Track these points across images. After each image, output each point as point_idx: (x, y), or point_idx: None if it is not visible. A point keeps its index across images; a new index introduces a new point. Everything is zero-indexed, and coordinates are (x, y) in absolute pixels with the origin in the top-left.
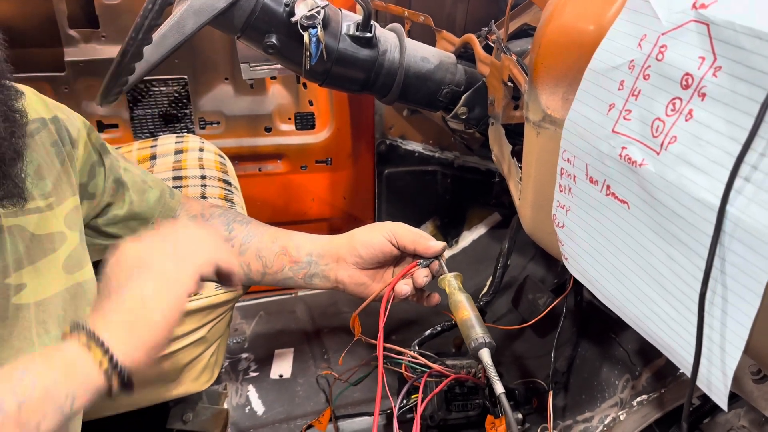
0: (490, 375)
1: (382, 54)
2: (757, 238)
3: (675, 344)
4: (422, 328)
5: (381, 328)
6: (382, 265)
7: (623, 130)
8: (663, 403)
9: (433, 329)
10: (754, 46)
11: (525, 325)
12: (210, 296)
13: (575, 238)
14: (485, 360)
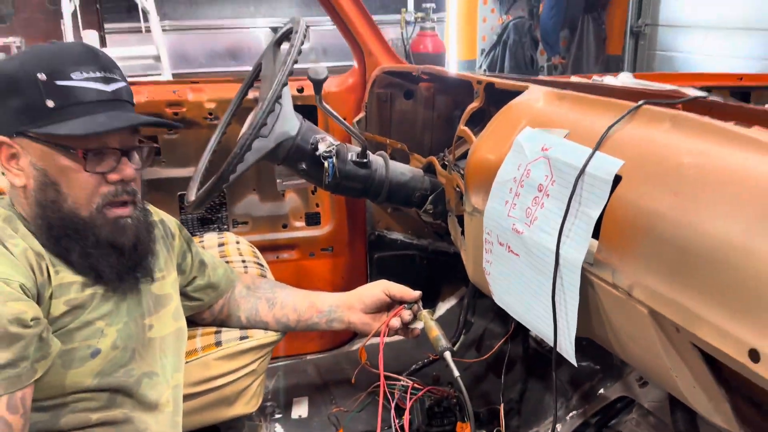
0: (450, 367)
1: (374, 171)
2: (572, 264)
3: (545, 329)
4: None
5: (381, 350)
6: (380, 310)
7: (512, 214)
8: (586, 414)
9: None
10: (567, 169)
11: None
12: (259, 338)
13: (496, 280)
14: (447, 357)
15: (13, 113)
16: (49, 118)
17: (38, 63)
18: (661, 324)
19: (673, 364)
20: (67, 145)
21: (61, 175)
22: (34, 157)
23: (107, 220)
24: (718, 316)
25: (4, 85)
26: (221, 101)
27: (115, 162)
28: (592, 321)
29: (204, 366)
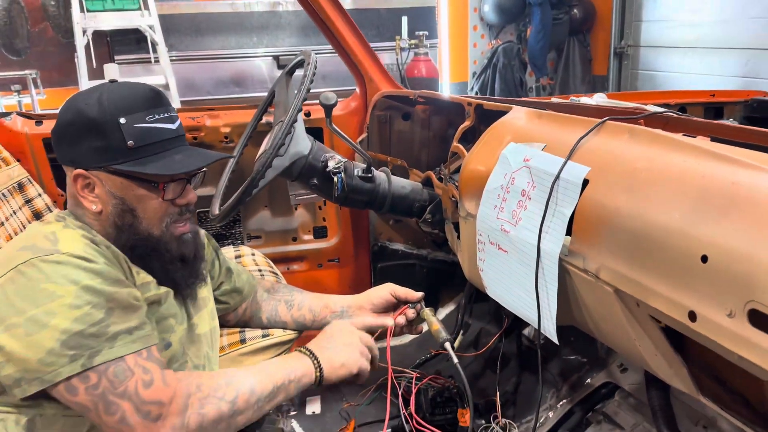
0: (450, 355)
1: (378, 185)
2: (550, 255)
3: (531, 313)
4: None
5: (388, 344)
6: (387, 310)
7: (501, 217)
8: (573, 401)
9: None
10: (545, 176)
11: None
12: (280, 336)
13: (489, 275)
14: (447, 347)
15: (93, 151)
16: (129, 155)
17: (117, 107)
18: (624, 301)
19: (637, 335)
20: (150, 180)
21: (139, 203)
22: (112, 187)
23: (173, 236)
24: (665, 287)
25: (87, 126)
26: (236, 126)
27: (182, 189)
28: (571, 306)
29: (231, 361)
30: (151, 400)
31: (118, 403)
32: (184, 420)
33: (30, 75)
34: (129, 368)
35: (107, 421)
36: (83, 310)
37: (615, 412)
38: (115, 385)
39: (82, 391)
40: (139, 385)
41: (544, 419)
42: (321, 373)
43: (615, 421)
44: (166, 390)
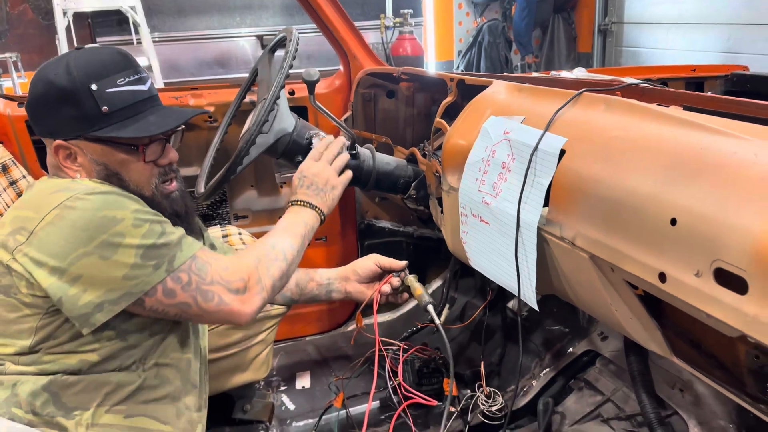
0: (432, 316)
1: (363, 162)
2: (529, 224)
3: (511, 282)
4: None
5: (375, 311)
6: (372, 280)
7: (482, 189)
8: (557, 369)
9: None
10: (524, 148)
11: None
12: (267, 310)
13: (471, 247)
14: (430, 310)
15: (69, 120)
16: (106, 121)
17: (87, 75)
18: (600, 266)
19: (612, 300)
20: (129, 144)
21: (122, 167)
22: (93, 154)
23: (164, 195)
24: (637, 251)
25: (59, 97)
26: (219, 105)
27: (162, 149)
28: (550, 274)
29: (220, 335)
30: (234, 279)
31: (212, 289)
32: (262, 285)
33: (10, 58)
34: (205, 261)
35: (208, 308)
36: (146, 227)
37: (596, 378)
38: (202, 277)
39: (180, 291)
40: (220, 271)
41: (527, 388)
42: (323, 213)
43: (596, 387)
44: (240, 268)
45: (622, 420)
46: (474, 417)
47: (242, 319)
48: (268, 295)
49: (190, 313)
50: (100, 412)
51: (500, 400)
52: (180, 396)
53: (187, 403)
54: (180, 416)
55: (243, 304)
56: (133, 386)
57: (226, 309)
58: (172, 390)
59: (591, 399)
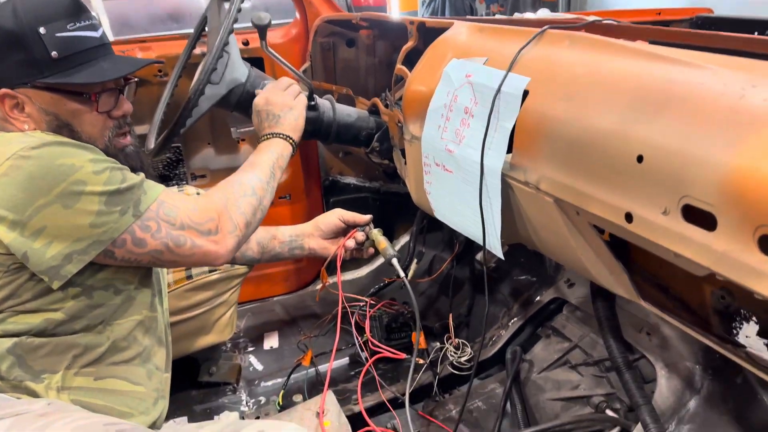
0: (397, 270)
1: (322, 113)
2: (493, 170)
3: (476, 231)
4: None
5: (339, 267)
6: (337, 235)
7: (445, 137)
8: (525, 318)
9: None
10: (486, 91)
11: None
12: (229, 270)
13: (435, 197)
14: (394, 263)
15: (16, 66)
16: (56, 67)
17: (35, 17)
18: (565, 210)
19: (578, 244)
20: (80, 92)
21: (73, 118)
22: (42, 104)
23: (118, 149)
24: (602, 192)
25: (5, 40)
26: (170, 58)
27: (115, 99)
28: (515, 222)
29: (179, 297)
30: (204, 220)
31: (183, 234)
32: (234, 223)
33: None
34: (172, 205)
35: (182, 252)
36: (107, 174)
37: (563, 325)
38: (171, 222)
39: (150, 239)
40: (189, 213)
41: (496, 337)
42: (291, 138)
43: (563, 334)
44: (208, 208)
45: (590, 365)
46: (443, 368)
47: (218, 259)
48: (242, 232)
49: (164, 259)
50: (69, 375)
51: (469, 351)
52: (150, 356)
53: (156, 363)
54: (151, 376)
55: (217, 244)
56: (102, 348)
57: (199, 251)
58: (142, 350)
59: (558, 346)
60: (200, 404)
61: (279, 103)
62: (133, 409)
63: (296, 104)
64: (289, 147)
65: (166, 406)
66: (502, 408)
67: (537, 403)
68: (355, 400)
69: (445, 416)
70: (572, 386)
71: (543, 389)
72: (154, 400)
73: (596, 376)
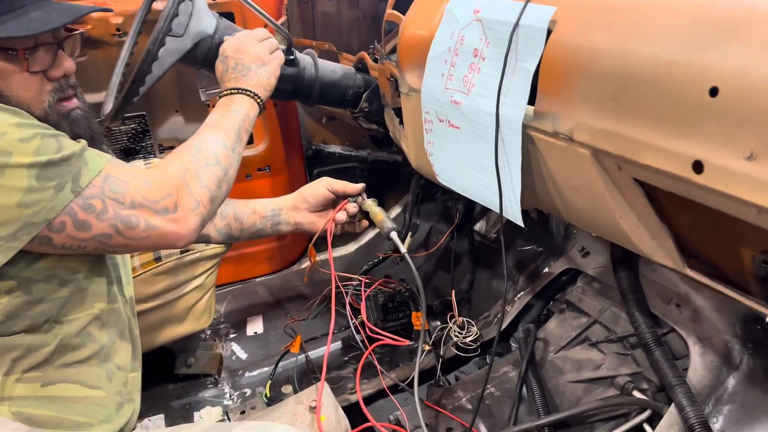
0: (397, 244)
1: (303, 70)
2: (512, 122)
3: (491, 196)
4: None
5: (329, 244)
6: (325, 208)
7: (450, 86)
8: (533, 291)
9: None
10: (500, 28)
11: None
12: (204, 250)
13: (439, 159)
14: (393, 237)
15: None
16: None
17: None
18: (603, 165)
19: (617, 206)
20: (4, 47)
21: (1, 79)
22: None
23: (62, 115)
24: (660, 137)
25: None
26: (129, 15)
27: (52, 57)
28: (535, 183)
29: (146, 283)
30: (159, 196)
31: (134, 213)
32: (196, 198)
33: None
34: (120, 179)
35: (134, 234)
36: (37, 142)
37: (579, 299)
38: (119, 200)
39: (95, 221)
40: (140, 189)
41: (501, 314)
42: (259, 97)
43: (580, 309)
44: (164, 182)
45: (613, 342)
46: (447, 350)
47: (179, 241)
48: (206, 209)
49: (113, 244)
50: (10, 383)
51: (474, 330)
52: (110, 355)
53: (118, 361)
54: (112, 378)
55: (176, 223)
56: (49, 348)
57: (156, 233)
58: (99, 348)
59: (575, 322)
60: (178, 399)
61: (252, 53)
62: (91, 417)
63: (271, 60)
64: (256, 107)
65: (135, 409)
66: (518, 393)
67: (556, 387)
68: (351, 389)
69: (453, 405)
70: (594, 366)
71: (561, 370)
72: (117, 404)
73: (620, 353)
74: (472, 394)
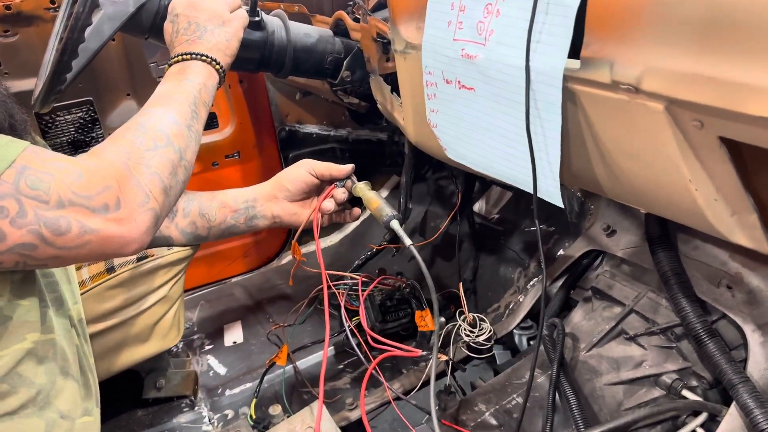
0: (400, 235)
1: (271, 35)
2: (549, 75)
3: (519, 174)
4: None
5: (317, 239)
6: (308, 195)
7: (460, 37)
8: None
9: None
10: None
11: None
12: (167, 254)
13: (447, 130)
14: (395, 227)
15: None
16: None
17: None
18: (680, 121)
19: (692, 174)
20: None
21: None
22: None
23: None
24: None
25: None
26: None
27: None
28: (572, 154)
29: (98, 299)
30: (95, 190)
31: (63, 215)
32: (144, 190)
33: None
34: (41, 171)
35: (66, 242)
36: None
37: (608, 285)
38: (42, 198)
39: (10, 228)
40: (70, 183)
41: (514, 305)
42: (218, 62)
43: (610, 296)
44: (101, 171)
45: (655, 335)
46: (456, 351)
47: (128, 246)
48: (159, 203)
49: (40, 256)
50: None
51: (487, 327)
52: (50, 399)
53: (62, 407)
54: (54, 427)
55: (121, 224)
56: None
57: (95, 238)
58: (35, 393)
59: (606, 312)
60: (149, 428)
61: (208, 9)
62: None
63: (232, 19)
64: (215, 75)
65: None
66: (551, 403)
67: (593, 391)
68: (350, 405)
69: (475, 421)
70: (634, 364)
71: (597, 371)
72: None
73: (663, 347)
74: (495, 406)
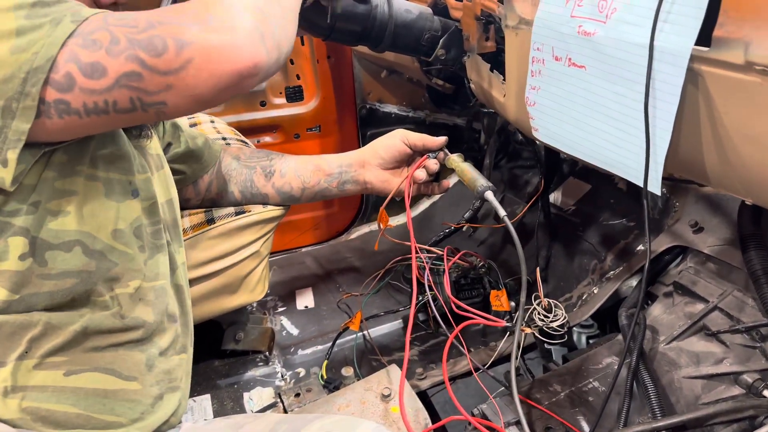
0: (494, 206)
1: (375, 8)
2: (673, 54)
3: (623, 158)
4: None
5: (408, 208)
6: (399, 165)
7: (578, 13)
8: (629, 272)
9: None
10: None
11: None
12: (261, 212)
13: (543, 110)
14: (490, 198)
15: None
16: None
17: None
18: None
19: None
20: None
21: None
22: None
23: None
24: None
25: None
26: None
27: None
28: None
29: (198, 248)
30: (191, 9)
31: (155, 33)
32: (236, 6)
33: None
34: (122, 13)
35: (169, 64)
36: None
37: (692, 281)
38: (131, 23)
39: (108, 59)
40: (154, 11)
41: (587, 296)
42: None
43: (693, 292)
44: (186, 5)
45: (739, 333)
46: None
47: (240, 58)
48: (257, 19)
49: (150, 88)
50: (25, 370)
51: (561, 314)
52: (152, 336)
53: (162, 343)
54: (152, 366)
55: (220, 33)
56: (75, 326)
57: (196, 52)
58: (142, 332)
59: (688, 308)
60: (226, 378)
61: None
62: (121, 416)
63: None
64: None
65: (181, 399)
66: (629, 389)
67: (671, 383)
68: (420, 375)
69: (550, 401)
70: (715, 360)
71: (676, 364)
72: (153, 399)
73: (746, 346)
74: (571, 387)
